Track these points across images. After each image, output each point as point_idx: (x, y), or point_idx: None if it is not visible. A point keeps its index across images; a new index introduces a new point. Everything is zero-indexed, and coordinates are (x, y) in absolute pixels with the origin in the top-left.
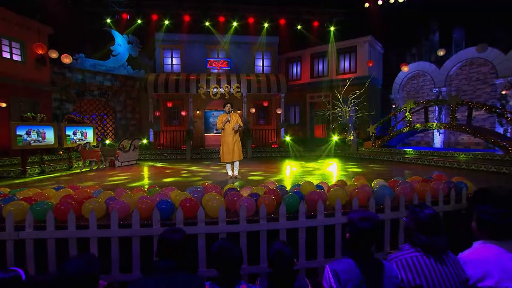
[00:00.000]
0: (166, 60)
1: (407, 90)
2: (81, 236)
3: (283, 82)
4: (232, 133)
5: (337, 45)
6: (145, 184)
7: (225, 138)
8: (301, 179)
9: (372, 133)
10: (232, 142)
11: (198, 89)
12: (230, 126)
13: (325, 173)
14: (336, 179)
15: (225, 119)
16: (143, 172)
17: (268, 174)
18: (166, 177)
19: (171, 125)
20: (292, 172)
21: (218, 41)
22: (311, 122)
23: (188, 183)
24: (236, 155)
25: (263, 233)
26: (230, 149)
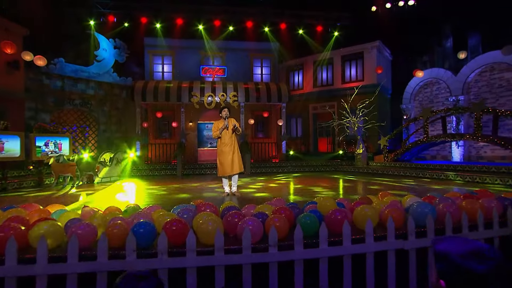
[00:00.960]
0: (156, 67)
1: (419, 99)
2: (24, 274)
3: (285, 91)
4: (231, 142)
5: (342, 52)
6: (125, 203)
7: (222, 148)
8: (313, 197)
9: (384, 146)
10: (231, 152)
11: (191, 98)
12: (228, 132)
13: (337, 189)
14: (351, 195)
15: (222, 125)
16: (125, 189)
17: (272, 191)
18: (152, 194)
19: (161, 137)
20: (300, 189)
21: (213, 47)
22: (315, 135)
23: (177, 201)
24: (236, 166)
25: (273, 266)
26: (228, 160)
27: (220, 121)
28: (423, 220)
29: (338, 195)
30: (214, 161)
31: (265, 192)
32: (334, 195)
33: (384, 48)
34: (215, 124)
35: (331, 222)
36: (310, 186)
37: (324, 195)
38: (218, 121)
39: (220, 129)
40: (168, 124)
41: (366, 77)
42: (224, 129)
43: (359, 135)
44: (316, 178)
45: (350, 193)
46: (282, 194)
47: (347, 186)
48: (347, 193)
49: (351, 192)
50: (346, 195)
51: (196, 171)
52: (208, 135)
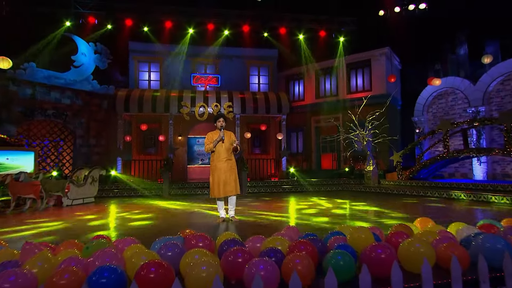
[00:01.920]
0: (141, 75)
1: (433, 111)
2: None
3: (285, 101)
4: (227, 157)
5: (348, 59)
6: (92, 234)
7: (216, 164)
8: (328, 223)
9: (398, 162)
10: (227, 169)
11: (180, 109)
12: (224, 146)
13: (354, 213)
14: (375, 220)
15: (218, 137)
16: (98, 214)
17: (276, 216)
18: (130, 220)
19: (146, 153)
20: (309, 213)
21: (205, 54)
22: (318, 151)
23: (160, 230)
24: (233, 187)
25: None
26: (224, 179)
27: (214, 132)
28: (496, 260)
29: (358, 220)
30: (206, 179)
31: (268, 216)
32: (353, 221)
33: (393, 55)
34: (208, 136)
35: (371, 263)
36: (319, 208)
37: (340, 222)
38: (212, 132)
39: (214, 142)
40: (154, 138)
41: (375, 87)
42: (219, 142)
43: (368, 150)
44: (324, 198)
45: (372, 218)
46: (290, 219)
47: (364, 210)
48: (369, 219)
49: (372, 217)
50: (370, 222)
51: (185, 191)
52: (199, 150)
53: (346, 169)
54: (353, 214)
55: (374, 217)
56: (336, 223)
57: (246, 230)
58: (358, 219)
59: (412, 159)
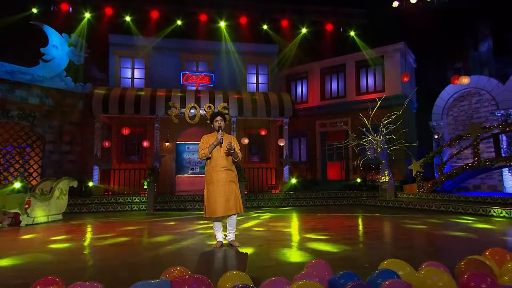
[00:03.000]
0: (124, 72)
1: (454, 114)
2: None
3: (288, 103)
4: (226, 165)
5: (357, 56)
6: (44, 267)
7: (213, 174)
8: (359, 251)
9: (418, 172)
10: (226, 182)
11: (168, 110)
12: (222, 151)
13: (382, 236)
14: (414, 248)
15: (215, 141)
16: (62, 237)
17: (287, 239)
18: (101, 249)
19: (128, 161)
20: (327, 237)
21: (197, 49)
22: (323, 159)
23: (139, 267)
24: (233, 204)
25: None
26: (222, 194)
27: (211, 135)
28: None
29: (393, 248)
30: (197, 192)
31: (277, 239)
32: (387, 249)
33: (408, 52)
34: (203, 140)
35: None
36: (337, 229)
37: (372, 248)
38: (208, 135)
39: (211, 146)
40: (137, 144)
41: (388, 87)
42: (217, 147)
43: (383, 158)
44: (336, 215)
45: (407, 243)
46: (306, 244)
47: (392, 231)
48: (406, 245)
49: (407, 241)
50: (408, 249)
51: (172, 205)
52: (189, 158)
53: (358, 180)
54: (381, 237)
55: (409, 240)
56: (370, 255)
57: (253, 262)
58: (400, 249)
59: (429, 169)
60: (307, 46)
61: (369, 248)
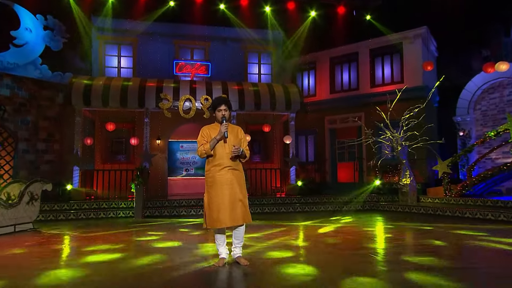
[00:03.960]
0: (109, 60)
1: (482, 108)
2: None
3: (295, 95)
4: (232, 165)
5: (372, 44)
6: None
7: (216, 176)
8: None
9: (444, 174)
10: (231, 185)
11: (159, 103)
12: (228, 147)
13: (434, 252)
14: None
15: (218, 134)
16: (25, 251)
17: (309, 257)
18: (74, 267)
19: (113, 161)
20: (355, 251)
21: (192, 35)
22: (333, 159)
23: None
24: (240, 212)
25: None
26: (227, 200)
27: (212, 126)
28: None
29: (453, 274)
30: (192, 196)
31: (295, 258)
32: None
33: (430, 38)
34: (203, 132)
35: None
36: (368, 244)
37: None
38: (208, 126)
39: (213, 141)
40: (124, 142)
41: (407, 78)
42: (221, 141)
43: (404, 157)
44: (356, 223)
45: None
46: (334, 265)
47: (439, 246)
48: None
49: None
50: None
51: (164, 212)
52: (183, 158)
53: (377, 183)
54: (435, 254)
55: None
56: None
57: None
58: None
59: (453, 171)
60: (315, 32)
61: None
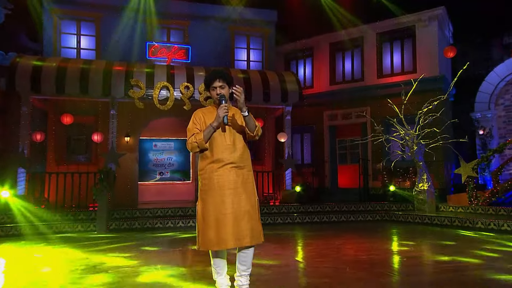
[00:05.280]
0: (66, 39)
1: (505, 103)
2: None
3: (293, 85)
4: (236, 160)
5: (379, 27)
6: None
7: (213, 176)
8: None
9: (469, 178)
10: (235, 188)
11: (129, 91)
12: (230, 136)
13: None
14: None
15: (215, 120)
16: None
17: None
18: None
19: (71, 162)
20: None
21: (169, 12)
22: (333, 160)
23: None
24: (247, 228)
25: None
26: (229, 211)
27: (207, 109)
28: None
29: None
30: (167, 204)
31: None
32: None
33: (447, 22)
34: (196, 117)
35: None
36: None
37: None
38: (202, 109)
39: (208, 129)
40: (85, 139)
41: (421, 67)
42: (217, 130)
43: (420, 159)
44: (369, 237)
45: None
46: None
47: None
48: None
49: None
50: None
51: (134, 224)
52: (156, 159)
53: (392, 188)
54: None
55: None
56: None
57: None
58: None
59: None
60: (313, 12)
61: None
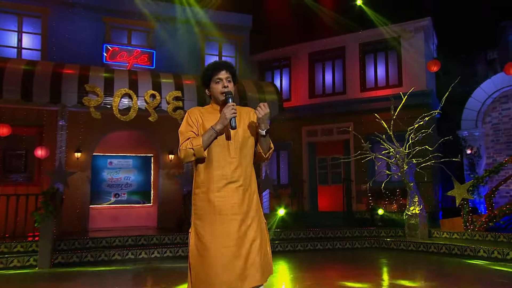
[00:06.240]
0: (4, 37)
1: (492, 121)
2: None
3: (272, 96)
4: (239, 177)
5: (363, 36)
6: None
7: (213, 197)
8: None
9: (463, 201)
10: (239, 213)
11: (83, 98)
12: (233, 148)
13: None
14: None
15: (218, 122)
16: None
17: None
18: None
19: (7, 182)
20: None
21: (131, 11)
22: (313, 181)
23: None
24: (255, 263)
25: None
26: (230, 243)
27: (206, 109)
28: None
29: None
30: (126, 232)
31: None
32: None
33: (433, 34)
34: (190, 117)
35: None
36: None
37: None
38: (198, 108)
39: (209, 135)
40: (26, 154)
41: (406, 81)
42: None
43: (411, 180)
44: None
45: None
46: None
47: None
48: None
49: None
50: None
51: (87, 256)
52: (112, 178)
53: (381, 212)
54: None
55: None
56: None
57: None
58: None
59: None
60: (292, 19)
61: None
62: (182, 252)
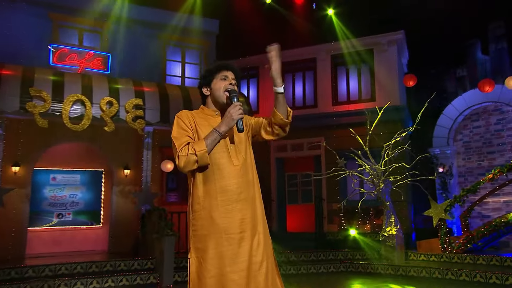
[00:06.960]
0: None
1: (464, 139)
2: None
3: (242, 106)
4: (245, 189)
5: (335, 48)
6: None
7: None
8: None
9: (441, 221)
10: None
11: (27, 103)
12: (236, 155)
13: None
14: None
15: (222, 124)
16: None
17: None
18: None
19: None
20: None
21: (81, 9)
22: (281, 200)
23: None
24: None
25: None
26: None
27: (196, 112)
28: None
29: None
30: (72, 257)
31: None
32: None
33: (405, 48)
34: (183, 120)
35: None
36: None
37: None
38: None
39: (213, 137)
40: None
41: (380, 95)
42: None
43: (387, 199)
44: None
45: None
46: None
47: None
48: None
49: None
50: None
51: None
52: (54, 196)
53: (353, 234)
54: None
55: None
56: None
57: None
58: None
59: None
60: (262, 27)
61: None
62: (141, 280)
